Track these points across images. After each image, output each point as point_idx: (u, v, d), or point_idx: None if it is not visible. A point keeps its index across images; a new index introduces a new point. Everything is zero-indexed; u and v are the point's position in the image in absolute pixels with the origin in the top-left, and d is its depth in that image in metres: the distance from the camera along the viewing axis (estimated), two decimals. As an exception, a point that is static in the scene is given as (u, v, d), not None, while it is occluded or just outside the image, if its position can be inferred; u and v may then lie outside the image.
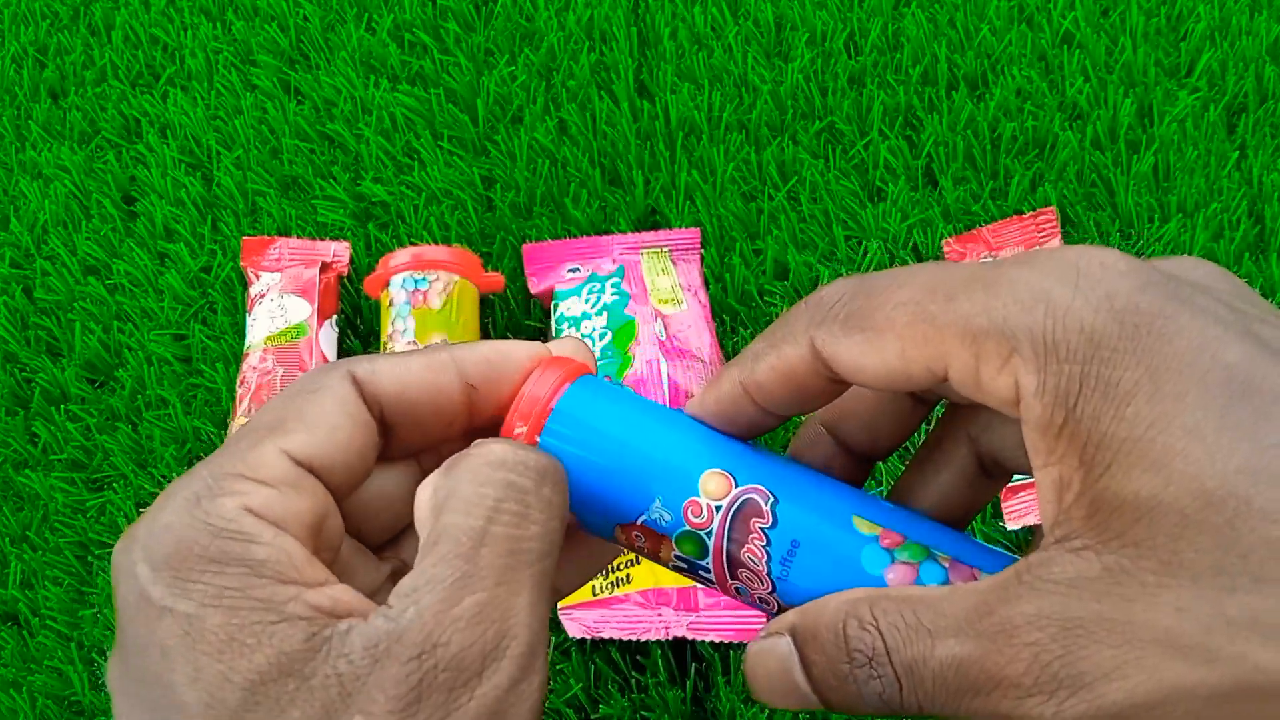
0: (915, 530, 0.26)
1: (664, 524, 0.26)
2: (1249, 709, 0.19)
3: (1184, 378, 0.20)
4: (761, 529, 0.26)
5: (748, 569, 0.26)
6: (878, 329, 0.23)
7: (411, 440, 0.27)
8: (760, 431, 0.27)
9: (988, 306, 0.22)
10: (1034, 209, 0.61)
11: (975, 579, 0.25)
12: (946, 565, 0.25)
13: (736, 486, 0.26)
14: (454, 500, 0.23)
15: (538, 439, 0.26)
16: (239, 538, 0.22)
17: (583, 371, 0.27)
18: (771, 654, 0.25)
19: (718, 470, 0.26)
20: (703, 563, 0.26)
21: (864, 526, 0.26)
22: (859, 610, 0.23)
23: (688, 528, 0.26)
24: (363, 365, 0.26)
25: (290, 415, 0.25)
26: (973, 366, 0.22)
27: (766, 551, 0.25)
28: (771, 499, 0.26)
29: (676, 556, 0.26)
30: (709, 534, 0.26)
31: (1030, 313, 0.21)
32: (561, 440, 0.26)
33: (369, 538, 0.28)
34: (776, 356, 0.26)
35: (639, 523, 0.26)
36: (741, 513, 0.26)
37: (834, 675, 0.24)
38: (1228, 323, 0.21)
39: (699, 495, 0.26)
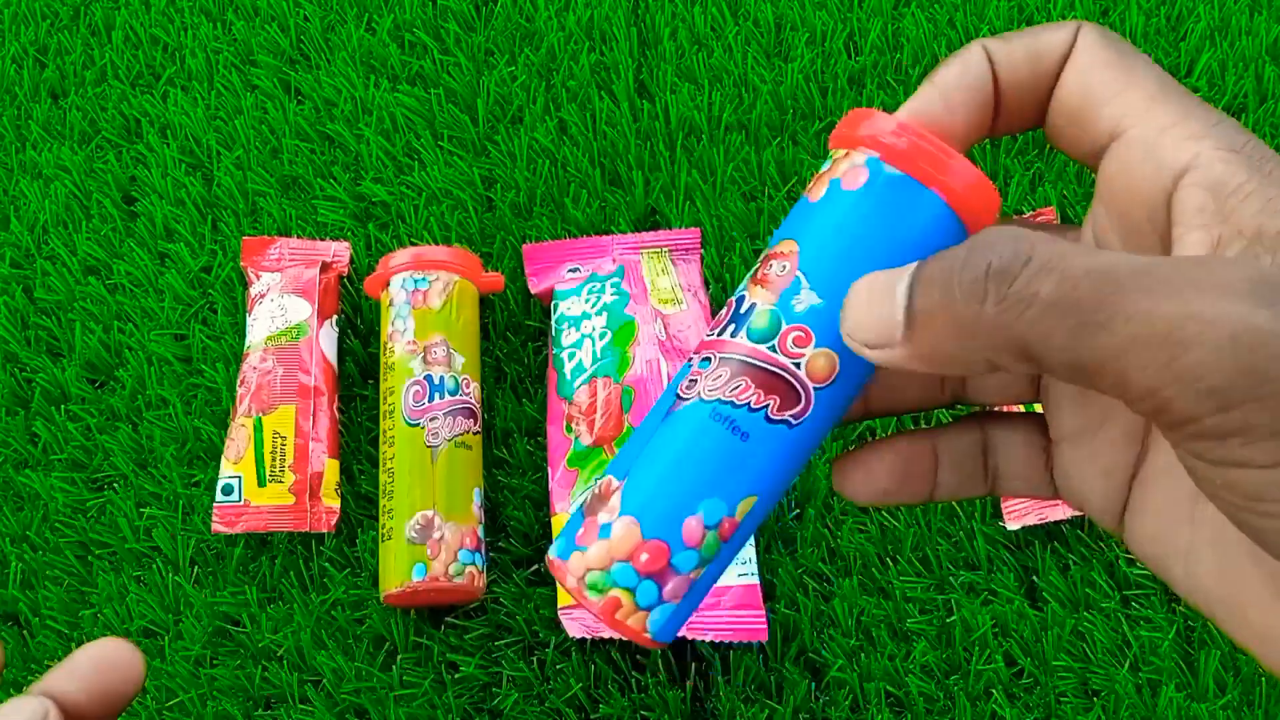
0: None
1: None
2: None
3: None
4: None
5: None
6: (1127, 67, 0.25)
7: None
8: (974, 130, 0.27)
9: (1206, 112, 0.24)
10: (1034, 209, 0.61)
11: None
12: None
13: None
14: None
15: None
16: None
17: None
18: (881, 276, 0.24)
19: None
20: None
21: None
22: (1007, 228, 0.22)
23: None
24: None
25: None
26: (1162, 127, 0.24)
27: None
28: None
29: None
30: None
31: (1219, 128, 0.24)
32: None
33: None
34: (1033, 34, 0.26)
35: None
36: None
37: (946, 277, 0.22)
38: None
39: None
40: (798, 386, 0.27)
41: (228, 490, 0.55)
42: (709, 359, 0.27)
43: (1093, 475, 0.27)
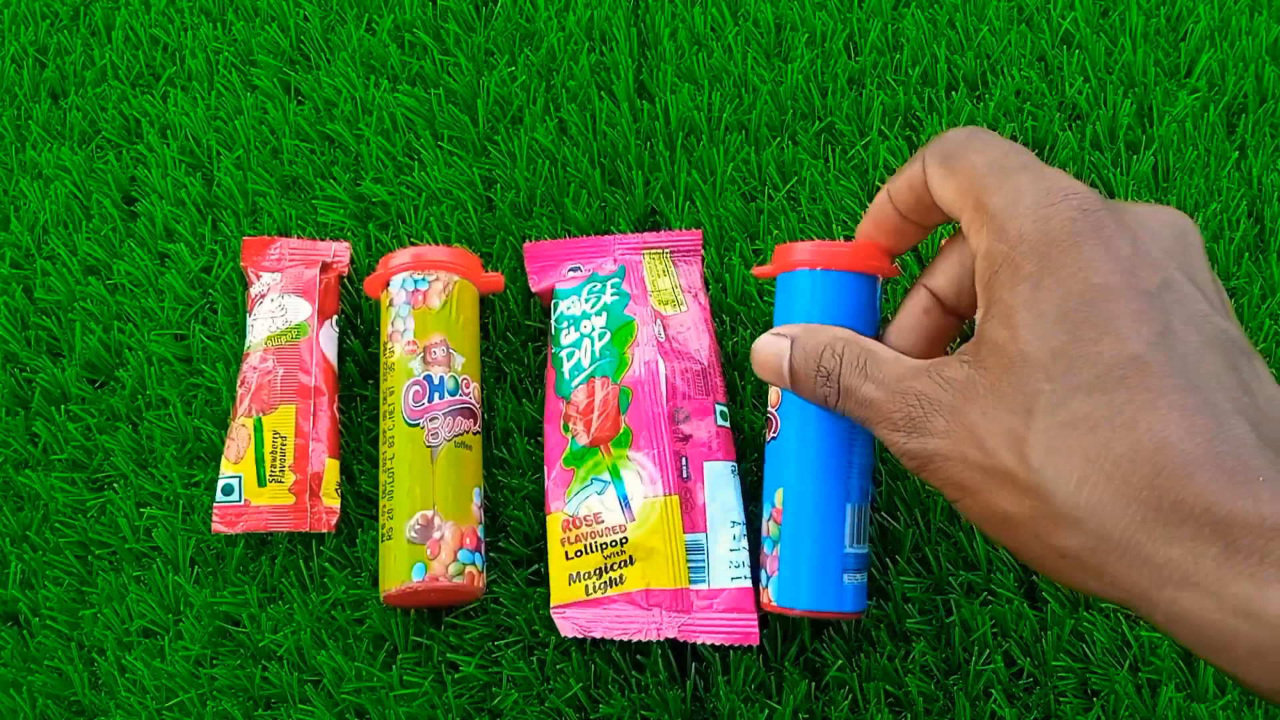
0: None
1: None
2: (987, 479, 0.35)
3: (1056, 283, 0.34)
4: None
5: None
6: (954, 171, 0.38)
7: None
8: (907, 239, 0.45)
9: (1001, 189, 0.36)
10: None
11: None
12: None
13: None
14: None
15: None
16: None
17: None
18: (774, 345, 0.44)
19: None
20: None
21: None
22: (835, 344, 0.42)
23: None
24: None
25: None
26: (969, 221, 0.38)
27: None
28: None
29: None
30: None
31: (1011, 204, 0.35)
32: None
33: None
34: (906, 169, 0.41)
35: None
36: None
37: (804, 373, 0.43)
38: (1122, 260, 0.34)
39: None
40: (772, 418, 0.49)
41: (228, 490, 0.55)
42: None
43: None
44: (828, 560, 0.48)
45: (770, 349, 0.43)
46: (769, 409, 0.52)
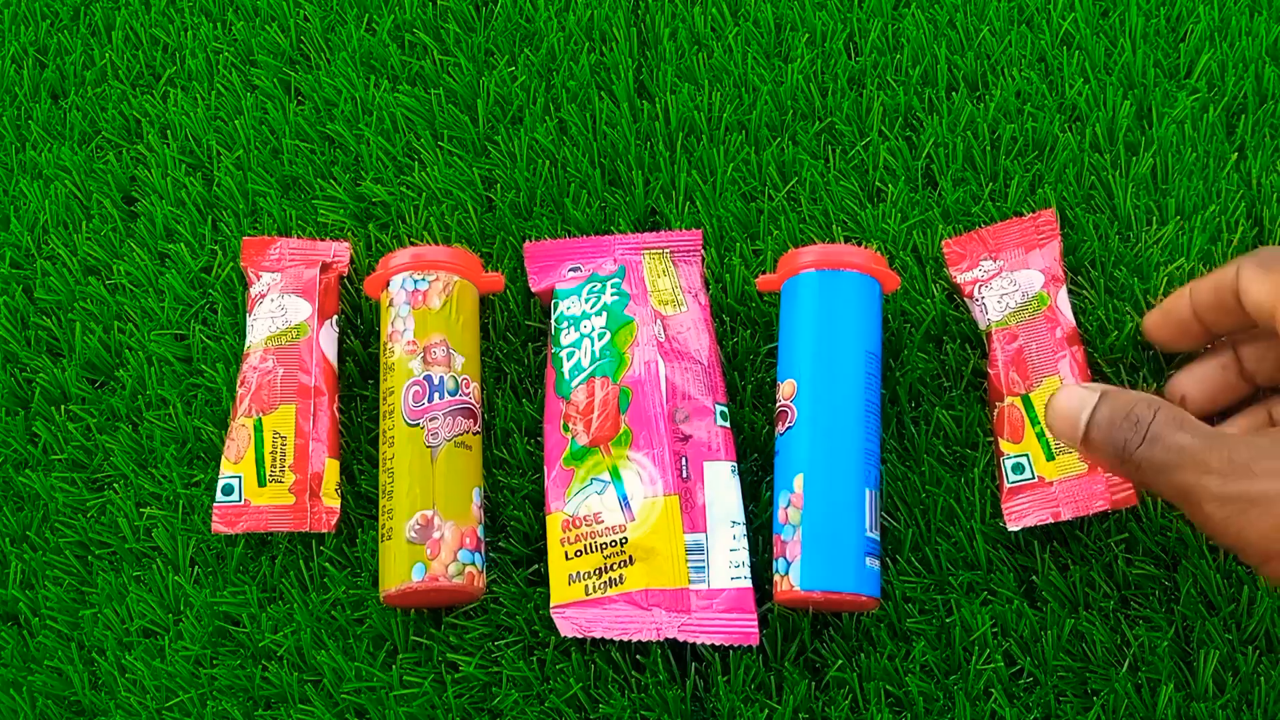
0: None
1: None
2: None
3: None
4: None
5: None
6: (1270, 272, 0.42)
7: None
8: (1189, 338, 0.50)
9: None
10: (1033, 210, 0.61)
11: None
12: None
13: None
14: None
15: None
16: None
17: None
18: (1077, 395, 0.42)
19: None
20: None
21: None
22: (1152, 400, 0.41)
23: None
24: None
25: None
26: None
27: None
28: None
29: None
30: None
31: None
32: None
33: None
34: (1216, 272, 0.45)
35: None
36: None
37: (1109, 423, 0.41)
38: None
39: None
40: (787, 410, 0.53)
41: (228, 490, 0.55)
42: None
43: None
44: (852, 542, 0.50)
45: (1074, 398, 0.42)
46: (781, 401, 0.53)
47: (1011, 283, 0.58)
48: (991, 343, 0.57)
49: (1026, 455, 0.53)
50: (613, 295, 0.58)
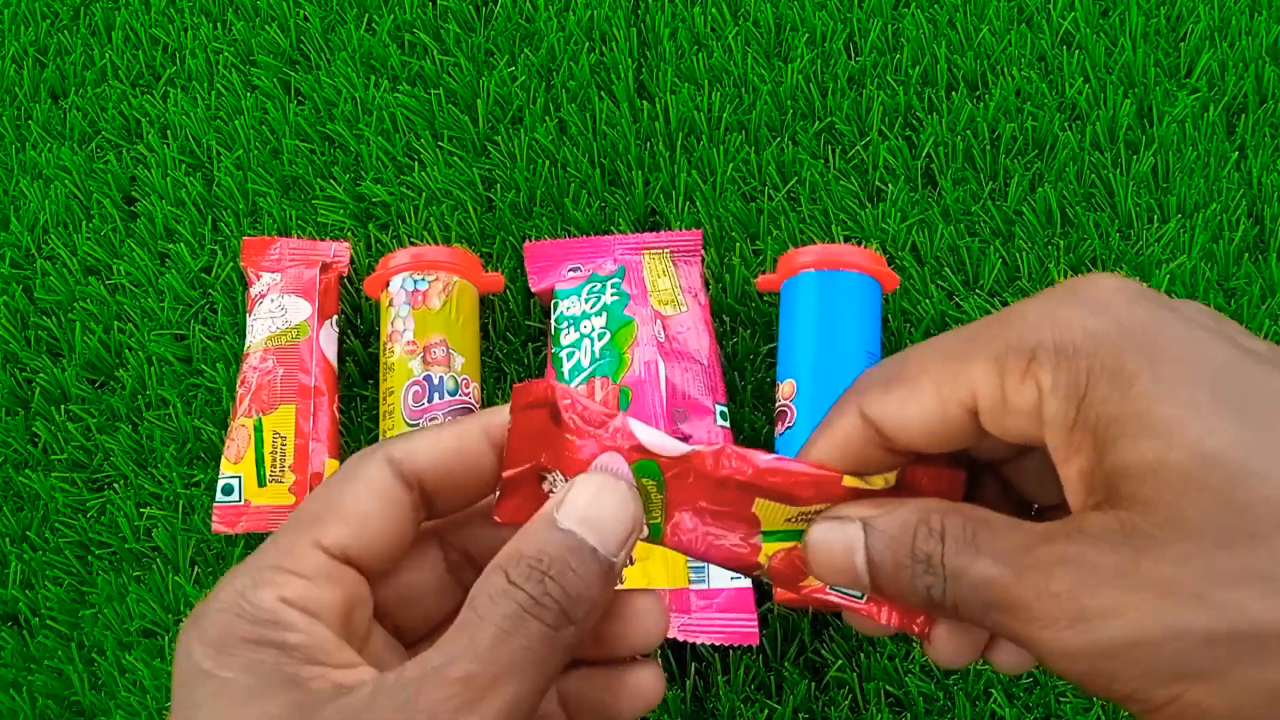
0: None
1: None
2: (1233, 653, 0.22)
3: (1180, 366, 0.23)
4: None
5: None
6: (913, 378, 0.27)
7: (454, 505, 0.29)
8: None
9: (1005, 334, 0.25)
10: (1033, 209, 0.61)
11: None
12: None
13: None
14: (480, 598, 0.25)
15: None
16: (274, 625, 0.25)
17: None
18: (839, 534, 0.28)
19: None
20: None
21: None
22: (931, 519, 0.27)
23: None
24: (398, 446, 0.28)
25: (326, 509, 0.27)
26: (998, 385, 0.25)
27: None
28: None
29: None
30: None
31: (1041, 329, 0.25)
32: None
33: (406, 634, 0.30)
34: (827, 435, 0.28)
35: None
36: None
37: (894, 565, 0.27)
38: (1212, 330, 0.24)
39: None
40: (786, 410, 0.52)
41: (228, 490, 0.55)
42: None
43: None
44: None
45: (835, 542, 0.28)
46: (781, 401, 0.53)
47: None
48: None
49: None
50: (613, 295, 0.58)
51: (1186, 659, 0.22)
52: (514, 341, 0.60)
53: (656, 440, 0.27)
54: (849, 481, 0.28)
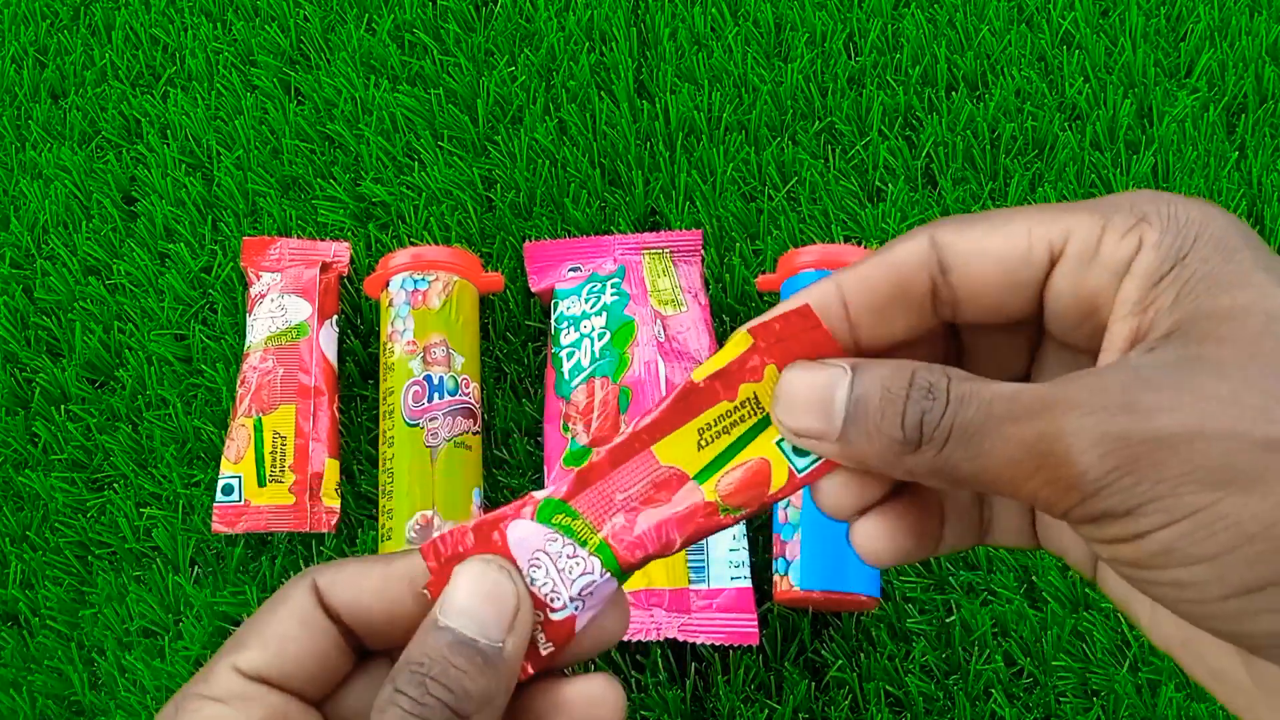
0: None
1: None
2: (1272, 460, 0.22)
3: (1273, 274, 0.23)
4: None
5: None
6: (1002, 218, 0.26)
7: (380, 642, 0.29)
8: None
9: (1111, 200, 0.25)
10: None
11: None
12: None
13: None
14: (373, 713, 0.25)
15: None
16: None
17: None
18: (822, 372, 0.26)
19: None
20: None
21: None
22: (929, 364, 0.25)
23: None
24: (325, 575, 0.28)
25: (249, 632, 0.27)
26: (1097, 234, 0.25)
27: None
28: None
29: None
30: None
31: (1155, 202, 0.25)
32: None
33: None
34: (887, 252, 0.26)
35: None
36: None
37: (881, 398, 0.25)
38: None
39: None
40: None
41: (228, 490, 0.55)
42: None
43: (1070, 536, 0.29)
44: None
45: (817, 379, 0.26)
46: None
47: None
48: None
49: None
50: (613, 295, 0.58)
51: (1238, 461, 0.21)
52: (514, 341, 0.60)
53: (541, 493, 0.27)
54: (698, 374, 0.27)
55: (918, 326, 0.27)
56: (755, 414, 0.27)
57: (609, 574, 0.28)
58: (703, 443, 0.27)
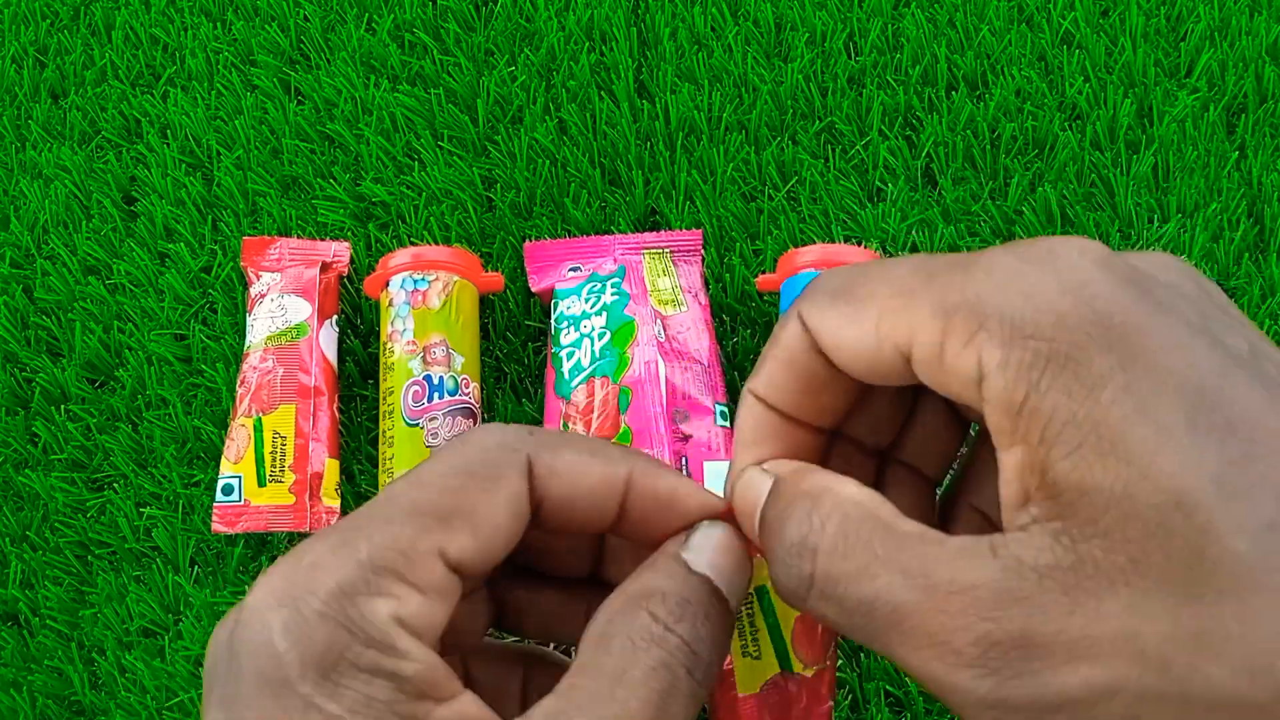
0: None
1: None
2: (1187, 717, 0.19)
3: (1155, 377, 0.20)
4: None
5: None
6: (860, 300, 0.23)
7: (554, 530, 0.26)
8: (802, 454, 0.26)
9: (962, 285, 0.22)
10: (1033, 209, 0.61)
11: None
12: None
13: None
14: (618, 640, 0.22)
15: None
16: (390, 652, 0.22)
17: None
18: (756, 482, 0.25)
19: None
20: None
21: None
22: (821, 500, 0.23)
23: None
24: (544, 457, 0.25)
25: (460, 508, 0.23)
26: (938, 342, 0.22)
27: None
28: None
29: None
30: None
31: (1002, 292, 0.21)
32: None
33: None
34: (775, 345, 0.25)
35: None
36: None
37: (768, 535, 0.24)
38: (1197, 329, 0.21)
39: None
40: None
41: (228, 490, 0.55)
42: None
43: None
44: None
45: (753, 483, 0.25)
46: None
47: None
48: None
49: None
50: (613, 295, 0.58)
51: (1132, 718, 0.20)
52: (514, 341, 0.60)
53: None
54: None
55: (858, 387, 0.26)
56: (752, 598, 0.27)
57: None
58: (749, 652, 0.27)
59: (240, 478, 0.55)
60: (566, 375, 0.56)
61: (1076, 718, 0.20)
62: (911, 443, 0.27)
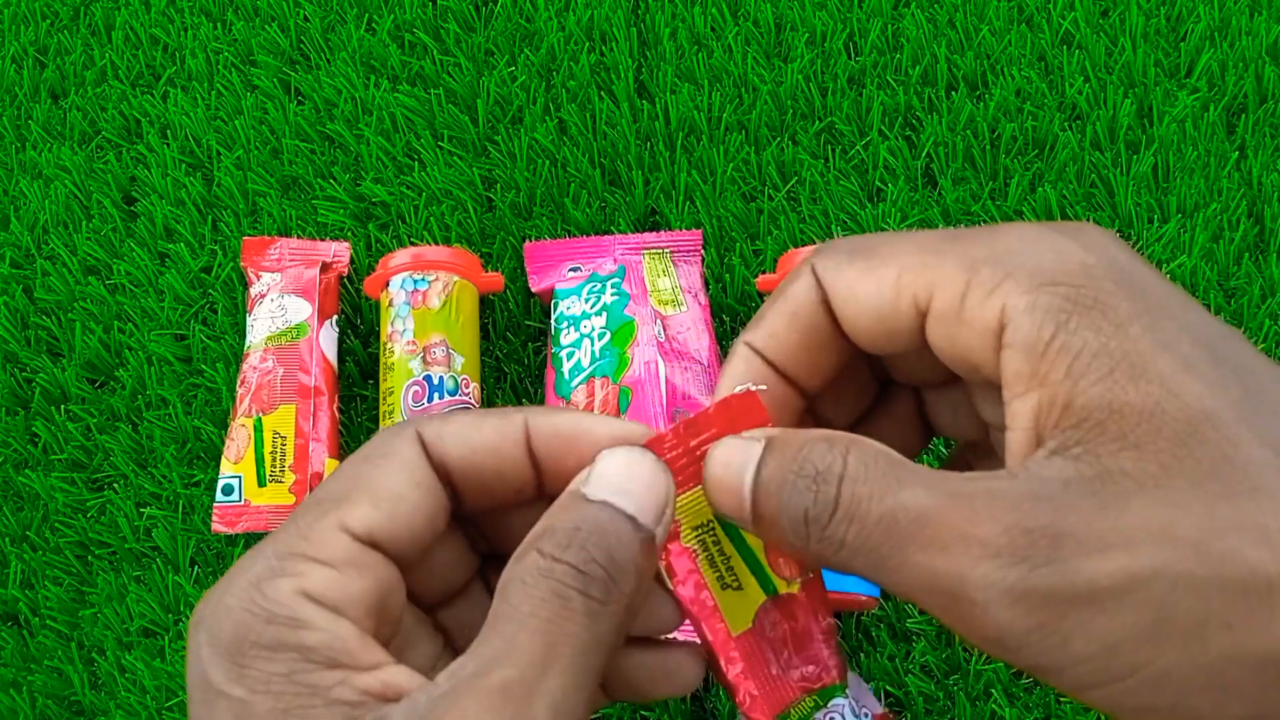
0: None
1: None
2: (1223, 603, 0.20)
3: (1174, 321, 0.22)
4: None
5: None
6: (882, 256, 0.24)
7: (479, 503, 0.26)
8: (779, 418, 0.26)
9: (990, 243, 0.23)
10: (1033, 209, 0.61)
11: None
12: None
13: None
14: (512, 584, 0.22)
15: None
16: (292, 624, 0.22)
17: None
18: (738, 450, 0.24)
19: None
20: None
21: None
22: (836, 438, 0.23)
23: None
24: (431, 427, 0.25)
25: (356, 486, 0.24)
26: (960, 291, 0.23)
27: None
28: None
29: None
30: None
31: (1030, 248, 0.22)
32: None
33: (423, 600, 0.27)
34: (780, 299, 0.26)
35: None
36: None
37: (775, 481, 0.23)
38: (1190, 298, 0.23)
39: None
40: None
41: (228, 490, 0.55)
42: None
43: None
44: None
45: (732, 455, 0.25)
46: None
47: None
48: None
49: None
50: (613, 295, 0.58)
51: (1174, 612, 0.20)
52: (514, 341, 0.60)
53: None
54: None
55: (854, 349, 0.26)
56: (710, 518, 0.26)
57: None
58: (729, 584, 0.26)
59: (240, 478, 0.55)
60: (566, 375, 0.56)
61: (1105, 610, 0.20)
62: (875, 434, 0.27)
